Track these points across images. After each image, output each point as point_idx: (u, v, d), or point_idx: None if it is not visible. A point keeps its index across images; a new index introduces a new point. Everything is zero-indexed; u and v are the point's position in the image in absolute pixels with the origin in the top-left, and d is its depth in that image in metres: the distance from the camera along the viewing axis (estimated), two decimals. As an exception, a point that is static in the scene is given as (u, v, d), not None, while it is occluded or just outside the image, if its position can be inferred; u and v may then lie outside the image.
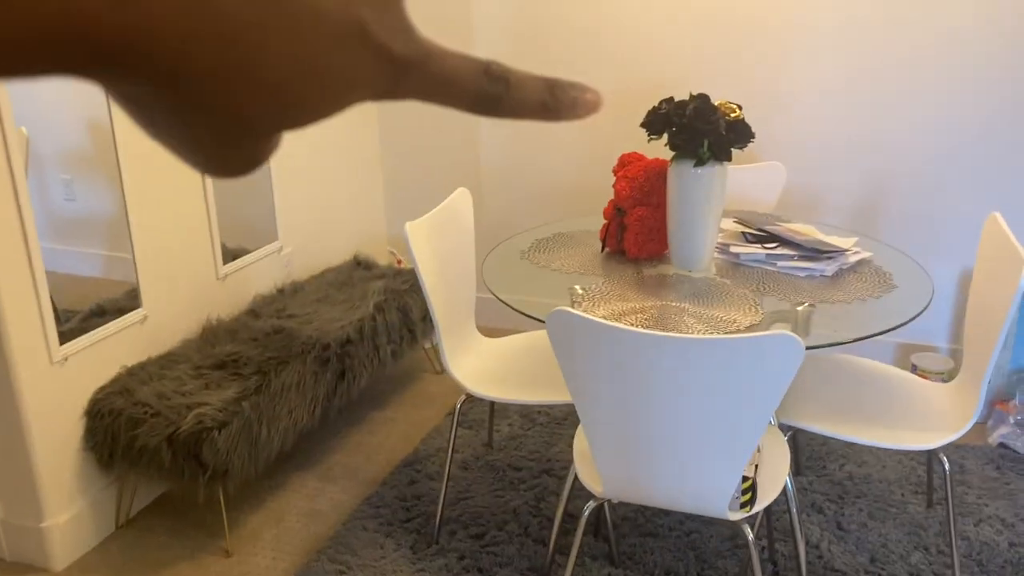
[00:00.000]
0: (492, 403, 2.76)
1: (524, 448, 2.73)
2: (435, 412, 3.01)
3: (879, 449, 2.66)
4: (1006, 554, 2.18)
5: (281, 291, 2.98)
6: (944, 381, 2.34)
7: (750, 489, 1.69)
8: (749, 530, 1.72)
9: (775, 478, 1.78)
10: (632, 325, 1.67)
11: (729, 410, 1.50)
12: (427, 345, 3.28)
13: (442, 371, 3.32)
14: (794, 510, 1.97)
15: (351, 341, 2.68)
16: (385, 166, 3.66)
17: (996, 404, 2.77)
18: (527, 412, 2.95)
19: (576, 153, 3.34)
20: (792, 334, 1.40)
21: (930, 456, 2.43)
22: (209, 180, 2.66)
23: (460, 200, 2.37)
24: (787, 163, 2.92)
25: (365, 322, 2.77)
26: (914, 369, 2.88)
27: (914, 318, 1.77)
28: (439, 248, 2.20)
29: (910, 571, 2.13)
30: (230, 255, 2.83)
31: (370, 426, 2.94)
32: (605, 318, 1.77)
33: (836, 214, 3.06)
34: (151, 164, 2.44)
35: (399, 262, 3.65)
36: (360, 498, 2.53)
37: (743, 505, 1.70)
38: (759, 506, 1.71)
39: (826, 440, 2.72)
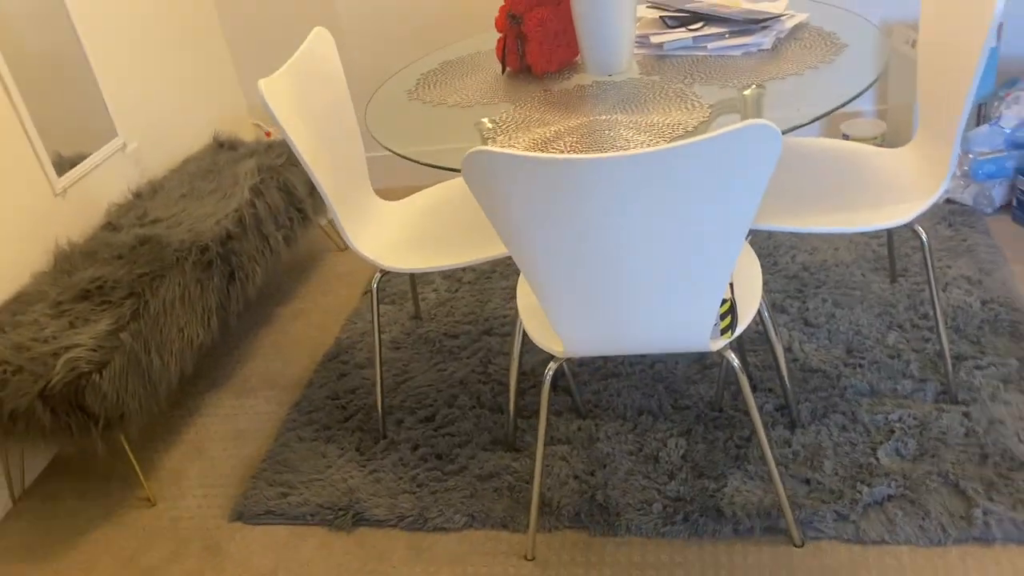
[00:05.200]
0: (412, 275, 2.45)
1: (456, 313, 2.46)
2: (349, 293, 2.70)
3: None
4: (981, 314, 2.06)
5: (138, 195, 2.54)
6: (879, 145, 2.14)
7: (729, 311, 1.47)
8: (734, 355, 1.51)
9: (751, 292, 1.56)
10: (563, 152, 1.37)
11: (704, 227, 1.24)
12: (323, 221, 2.91)
13: (346, 247, 2.98)
14: (766, 315, 1.77)
15: (232, 236, 2.31)
16: (226, 27, 3.13)
17: (935, 159, 2.61)
18: (451, 273, 2.67)
19: (442, -31, 2.89)
20: (768, 123, 1.12)
21: (890, 234, 2.27)
22: (9, 80, 2.15)
23: (319, 43, 1.96)
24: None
25: (244, 210, 2.38)
26: (845, 138, 2.69)
27: (883, 73, 1.51)
28: (308, 105, 1.82)
29: (889, 353, 1.99)
30: (67, 164, 2.36)
31: (279, 324, 2.61)
32: (529, 150, 1.46)
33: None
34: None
35: (267, 134, 3.20)
36: (287, 406, 2.24)
37: (723, 331, 1.48)
38: (741, 327, 1.50)
39: (771, 233, 2.53)
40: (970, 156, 2.46)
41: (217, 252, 2.25)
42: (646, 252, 1.28)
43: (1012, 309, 2.06)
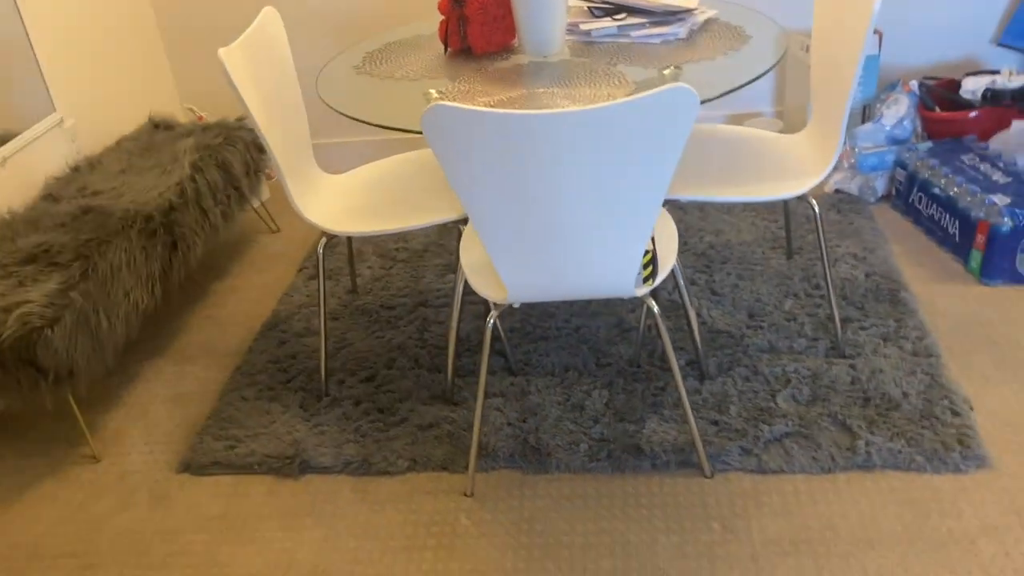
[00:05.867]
0: (351, 249, 2.58)
1: (392, 287, 2.60)
2: (283, 271, 2.80)
3: (735, 210, 2.74)
4: (864, 284, 2.33)
5: (76, 169, 2.59)
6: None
7: (651, 261, 1.66)
8: (654, 303, 1.70)
9: (669, 248, 1.76)
10: (509, 113, 1.54)
11: (633, 179, 1.43)
12: (257, 204, 3.00)
13: (278, 229, 3.07)
14: (681, 281, 1.98)
15: (175, 208, 2.39)
16: (159, 13, 3.19)
17: (825, 155, 2.91)
18: (385, 252, 2.80)
19: (376, -34, 3.04)
20: (686, 85, 1.32)
21: (787, 211, 2.53)
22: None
23: (270, 22, 2.08)
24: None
25: (185, 184, 2.46)
26: (748, 136, 2.95)
27: (782, 58, 1.74)
28: (259, 79, 1.94)
29: (786, 317, 2.24)
30: (3, 138, 2.39)
31: (216, 298, 2.69)
32: (477, 112, 1.62)
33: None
34: None
35: (200, 118, 3.27)
36: (229, 370, 2.33)
37: (645, 280, 1.67)
38: (660, 276, 1.69)
39: (682, 217, 2.77)
40: (856, 150, 2.75)
41: (160, 222, 2.32)
42: (581, 202, 1.46)
43: (891, 280, 2.34)
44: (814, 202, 2.00)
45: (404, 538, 1.77)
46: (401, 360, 2.25)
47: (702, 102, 1.60)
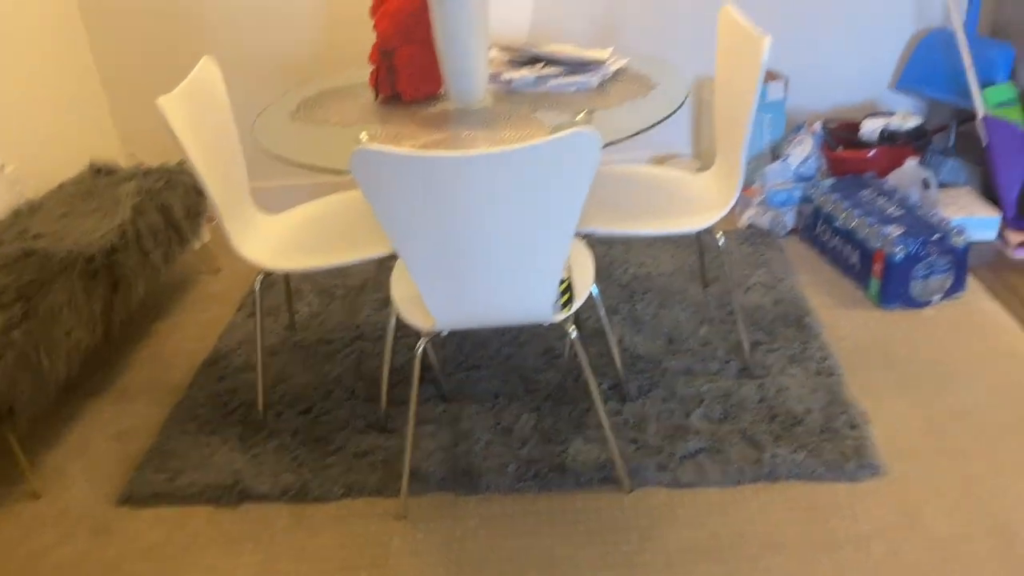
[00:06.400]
0: (288, 286, 2.67)
1: (329, 323, 2.69)
2: (223, 311, 2.87)
3: (656, 244, 2.91)
4: (773, 310, 2.51)
5: (17, 213, 2.64)
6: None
7: (567, 289, 1.80)
8: (573, 328, 1.83)
9: (585, 276, 1.90)
10: (432, 155, 1.67)
11: (544, 214, 1.56)
12: (198, 246, 3.08)
13: (219, 270, 3.15)
14: (602, 311, 2.12)
15: (116, 249, 2.46)
16: (100, 60, 3.27)
17: (742, 192, 3.10)
18: (323, 289, 2.90)
19: (319, 8, 3.17)
20: (589, 129, 1.47)
21: (700, 245, 2.70)
22: None
23: (208, 71, 2.19)
24: (528, -5, 2.97)
25: (126, 226, 2.54)
26: (668, 175, 3.14)
27: (684, 102, 1.91)
28: (199, 124, 2.04)
29: (701, 342, 2.39)
30: (-59, 183, 2.45)
31: (158, 337, 2.75)
32: (402, 155, 1.75)
33: (583, 36, 3.18)
34: None
35: (142, 164, 3.34)
36: (169, 407, 2.39)
37: (563, 306, 1.80)
38: (577, 303, 1.83)
39: (607, 251, 2.92)
40: (766, 188, 2.95)
41: (102, 263, 2.39)
42: (498, 236, 1.59)
43: (797, 307, 2.51)
44: (720, 235, 2.16)
45: (339, 560, 1.85)
46: (338, 392, 2.34)
47: (609, 144, 1.76)
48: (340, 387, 2.36)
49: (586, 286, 1.87)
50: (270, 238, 2.23)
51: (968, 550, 1.73)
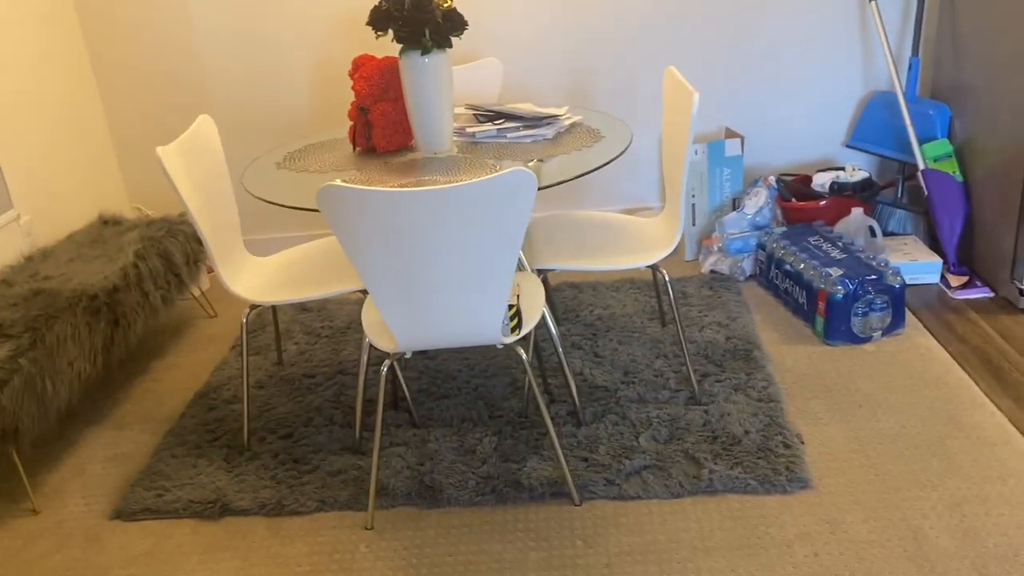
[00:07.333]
0: (277, 326, 2.88)
1: (314, 359, 2.89)
2: (217, 351, 3.08)
3: (621, 288, 3.11)
4: (725, 345, 2.69)
5: (30, 259, 2.88)
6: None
7: (516, 314, 2.00)
8: (523, 351, 2.03)
9: (534, 304, 2.10)
10: (393, 194, 1.89)
11: (488, 245, 1.78)
12: (196, 292, 3.30)
13: (215, 315, 3.37)
14: (559, 348, 2.32)
15: (118, 289, 2.68)
16: (112, 120, 3.56)
17: (703, 240, 3.32)
18: (311, 329, 3.10)
19: (306, 74, 3.46)
20: (525, 168, 1.70)
21: (657, 288, 2.90)
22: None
23: (205, 127, 2.44)
24: (502, 58, 3.25)
25: (128, 269, 2.77)
26: (636, 226, 3.36)
27: (622, 152, 2.15)
28: (194, 173, 2.28)
29: (655, 374, 2.57)
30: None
31: (155, 374, 2.95)
32: (368, 194, 1.97)
33: (552, 97, 3.45)
34: None
35: (146, 216, 3.60)
36: (161, 434, 2.58)
37: (513, 329, 2.00)
38: (526, 328, 2.03)
39: (577, 294, 3.13)
40: (724, 236, 3.16)
41: (104, 301, 2.61)
42: (448, 264, 1.81)
43: (747, 342, 2.70)
44: (664, 272, 2.37)
45: (309, 565, 2.01)
46: (317, 419, 2.53)
47: (556, 184, 1.99)
48: (320, 415, 2.55)
49: (536, 310, 2.07)
50: (258, 276, 2.45)
51: (883, 553, 1.88)
